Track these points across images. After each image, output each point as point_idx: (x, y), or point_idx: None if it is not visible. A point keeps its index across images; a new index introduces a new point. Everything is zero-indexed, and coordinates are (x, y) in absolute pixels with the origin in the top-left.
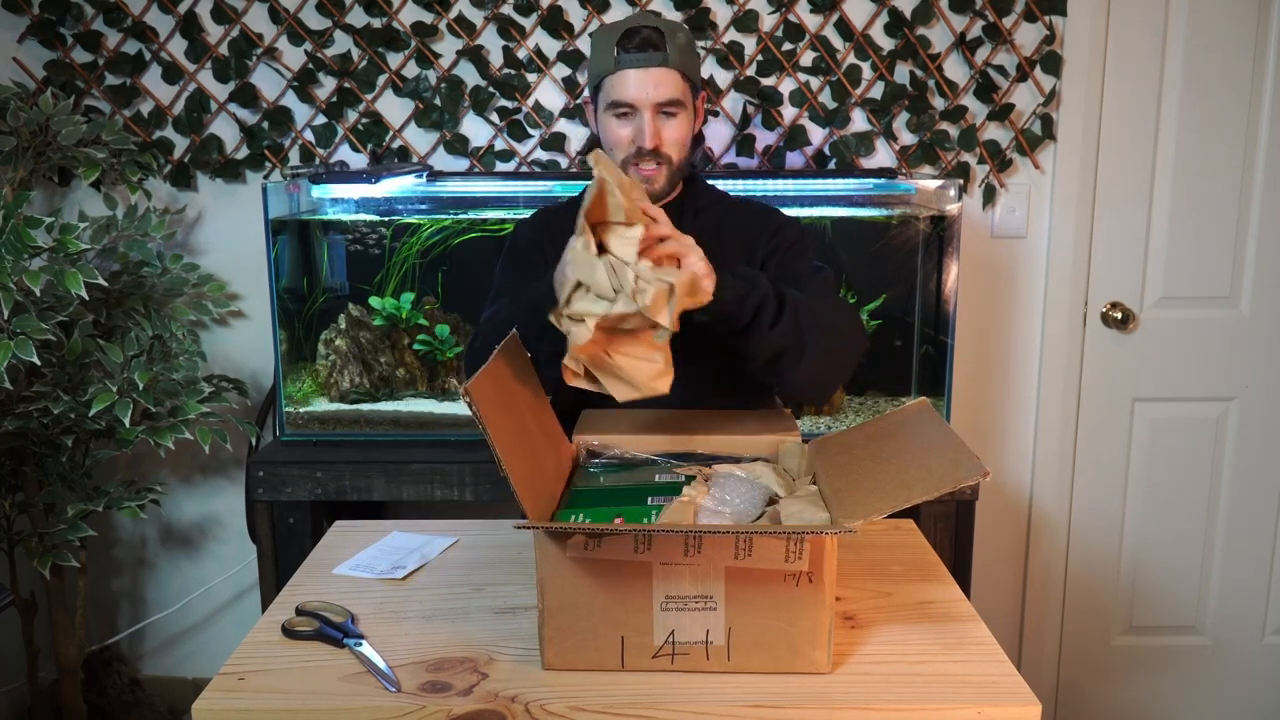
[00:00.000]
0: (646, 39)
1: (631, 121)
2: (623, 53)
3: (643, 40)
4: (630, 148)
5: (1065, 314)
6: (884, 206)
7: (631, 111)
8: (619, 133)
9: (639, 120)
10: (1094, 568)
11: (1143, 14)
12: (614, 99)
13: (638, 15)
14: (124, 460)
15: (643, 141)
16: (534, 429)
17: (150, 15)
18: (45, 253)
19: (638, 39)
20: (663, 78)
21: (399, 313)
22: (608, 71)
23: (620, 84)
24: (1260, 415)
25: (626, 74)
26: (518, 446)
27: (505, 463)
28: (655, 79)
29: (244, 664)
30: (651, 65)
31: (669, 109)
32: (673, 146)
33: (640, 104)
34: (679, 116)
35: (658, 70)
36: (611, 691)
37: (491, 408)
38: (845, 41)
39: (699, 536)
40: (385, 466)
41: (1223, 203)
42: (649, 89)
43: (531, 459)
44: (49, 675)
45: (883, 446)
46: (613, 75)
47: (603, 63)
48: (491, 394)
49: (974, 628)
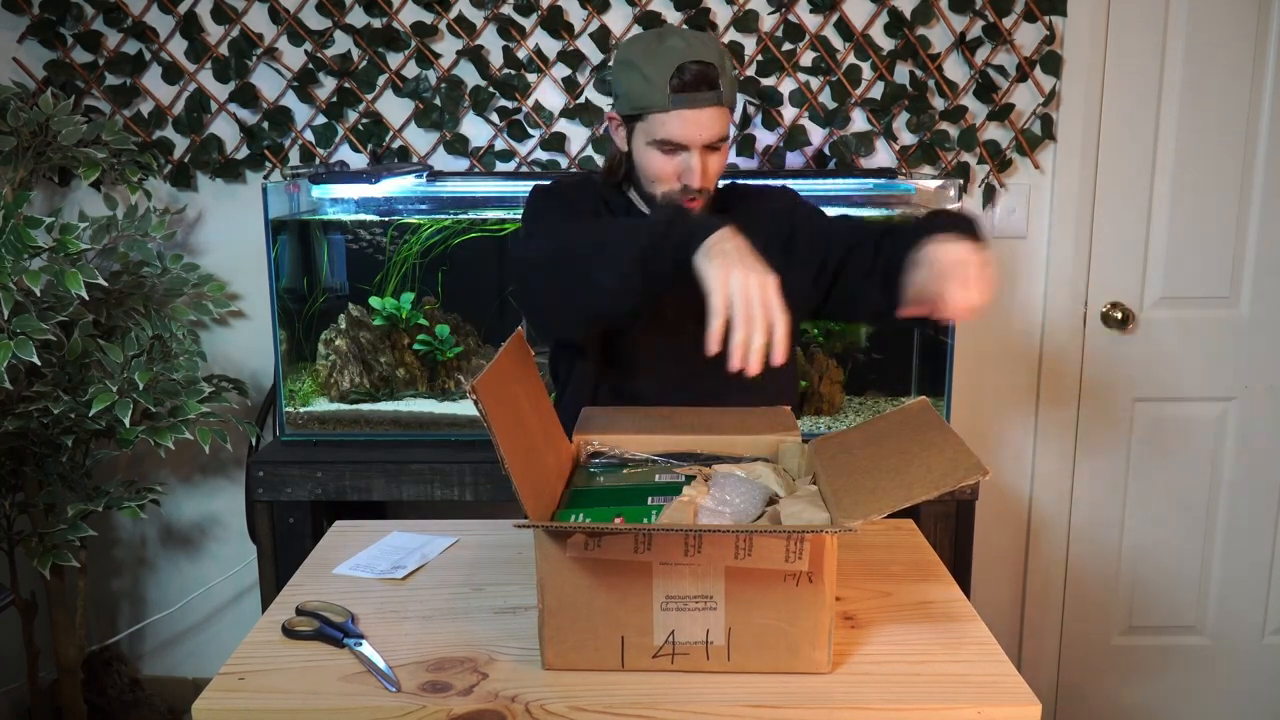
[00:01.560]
0: (702, 76)
1: (678, 157)
2: (676, 92)
3: (696, 78)
4: (675, 183)
5: (1065, 314)
6: (884, 206)
7: (678, 149)
8: (663, 167)
9: (687, 159)
10: (1094, 567)
11: (1143, 14)
12: (662, 137)
13: (685, 44)
14: (124, 460)
15: (692, 181)
16: (535, 428)
17: (150, 15)
18: (45, 253)
19: (691, 76)
20: (715, 117)
21: (399, 313)
22: (658, 108)
23: (672, 123)
24: (1260, 415)
25: (682, 114)
26: (520, 445)
27: (508, 461)
28: (709, 120)
29: (244, 664)
30: (707, 105)
31: (715, 145)
32: (714, 179)
33: (693, 144)
34: (723, 149)
35: (711, 110)
36: (611, 691)
37: (497, 405)
38: (845, 41)
39: (699, 536)
40: (385, 466)
41: (1223, 203)
42: (702, 131)
43: (533, 458)
44: (49, 675)
45: (882, 446)
46: (664, 114)
47: (650, 96)
48: (497, 391)
49: (974, 628)
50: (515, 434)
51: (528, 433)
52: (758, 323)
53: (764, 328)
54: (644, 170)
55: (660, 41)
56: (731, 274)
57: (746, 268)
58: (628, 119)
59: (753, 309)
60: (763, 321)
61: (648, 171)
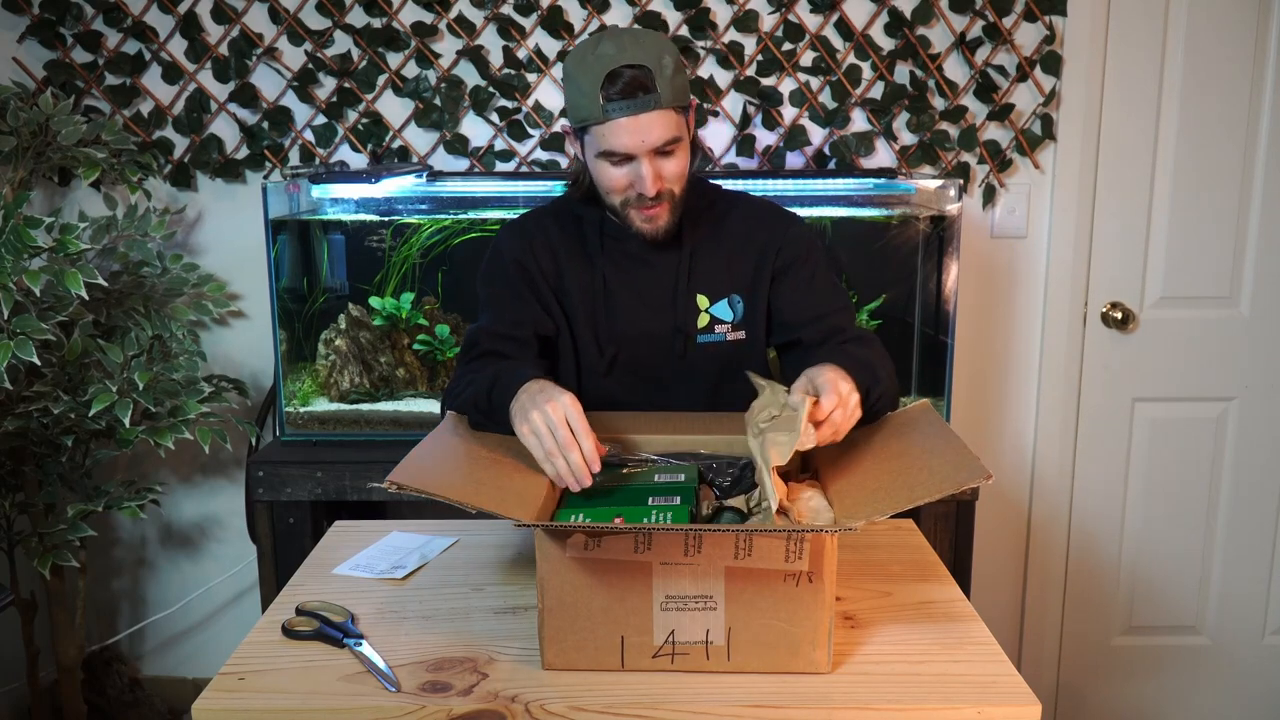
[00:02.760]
0: (634, 82)
1: (627, 166)
2: (609, 101)
3: (629, 84)
4: (629, 192)
5: (1065, 314)
6: (884, 206)
7: (626, 158)
8: (615, 178)
9: (636, 166)
10: (1094, 568)
11: (1143, 14)
12: (605, 149)
13: (617, 47)
14: (124, 460)
15: (643, 189)
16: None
17: (150, 15)
18: (45, 253)
19: (622, 83)
20: (656, 121)
21: (399, 313)
22: (594, 119)
23: (611, 133)
24: (1260, 415)
25: (617, 123)
26: (480, 483)
27: (471, 503)
28: (649, 124)
29: (244, 664)
30: (643, 111)
31: (667, 148)
32: (674, 181)
33: (636, 151)
34: (677, 151)
35: (650, 115)
36: (611, 691)
37: (428, 479)
38: (845, 41)
39: (699, 536)
40: (385, 466)
41: (1223, 203)
42: (643, 137)
43: (502, 480)
44: (49, 675)
45: (884, 447)
46: (601, 125)
47: (587, 107)
48: (424, 465)
49: (974, 628)
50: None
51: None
52: (560, 452)
53: (570, 448)
54: (598, 183)
55: (594, 48)
56: (528, 420)
57: (539, 405)
58: (578, 132)
59: (551, 442)
60: (568, 445)
61: (601, 182)
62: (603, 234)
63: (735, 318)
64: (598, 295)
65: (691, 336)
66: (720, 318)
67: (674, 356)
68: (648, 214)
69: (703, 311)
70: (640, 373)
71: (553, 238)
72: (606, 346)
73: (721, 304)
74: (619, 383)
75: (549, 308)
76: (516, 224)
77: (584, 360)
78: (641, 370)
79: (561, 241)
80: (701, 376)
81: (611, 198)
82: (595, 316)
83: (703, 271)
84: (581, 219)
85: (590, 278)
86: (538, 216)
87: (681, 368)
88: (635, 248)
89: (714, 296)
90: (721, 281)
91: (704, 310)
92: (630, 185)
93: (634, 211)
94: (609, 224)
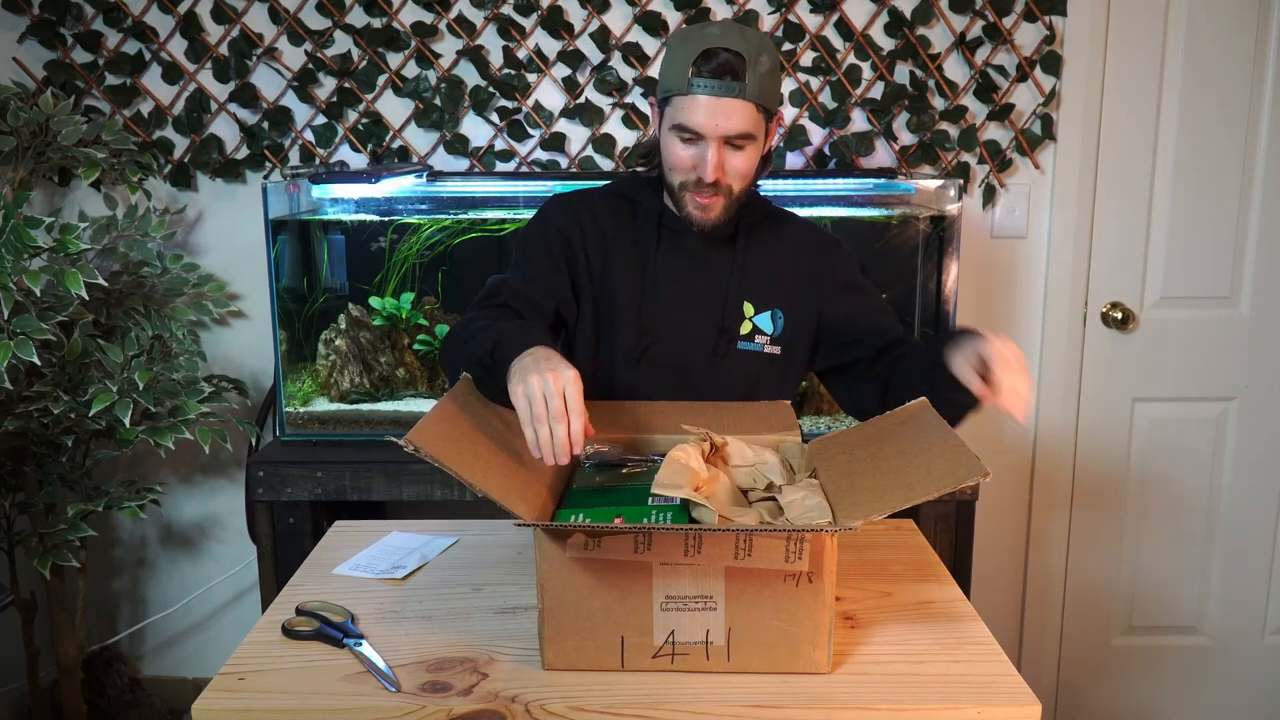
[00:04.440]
0: (725, 65)
1: (695, 147)
2: (697, 76)
3: (720, 66)
4: (690, 174)
5: (1065, 314)
6: (884, 206)
7: (697, 138)
8: (681, 155)
9: (703, 149)
10: (1094, 568)
11: (1143, 14)
12: (680, 122)
13: (722, 31)
14: (124, 460)
15: (704, 173)
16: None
17: (150, 15)
18: (45, 253)
19: (715, 63)
20: (736, 110)
21: (399, 313)
22: (678, 91)
23: (689, 108)
24: (1260, 415)
25: (697, 99)
26: (489, 466)
27: (479, 485)
28: (728, 110)
29: (244, 664)
30: (727, 95)
31: (738, 141)
32: (736, 178)
33: (708, 134)
34: (747, 149)
35: (732, 102)
36: (611, 691)
37: (443, 444)
38: (845, 41)
39: (699, 536)
40: (385, 466)
41: (1223, 203)
42: (719, 120)
43: (509, 470)
44: (49, 675)
45: (883, 446)
46: (683, 97)
47: (675, 79)
48: (443, 430)
49: (974, 628)
50: (478, 459)
51: (497, 450)
52: (548, 419)
53: (559, 420)
54: (664, 156)
55: (701, 28)
56: (526, 381)
57: (541, 371)
58: (661, 103)
59: (542, 408)
60: (558, 416)
61: (666, 158)
62: (661, 225)
63: (775, 331)
64: (648, 281)
65: (734, 340)
66: (762, 328)
67: (713, 357)
68: (703, 201)
69: (747, 319)
70: (673, 367)
71: (604, 221)
72: (645, 335)
73: (765, 315)
74: (648, 374)
75: (579, 289)
76: (569, 197)
77: (617, 347)
78: (674, 365)
79: (613, 226)
80: (732, 382)
81: (673, 175)
82: (640, 304)
83: (753, 279)
84: (636, 206)
85: (640, 266)
86: (590, 196)
87: (716, 369)
88: (691, 243)
89: (760, 306)
90: (769, 293)
91: (748, 318)
92: (693, 167)
93: (690, 195)
94: (668, 215)
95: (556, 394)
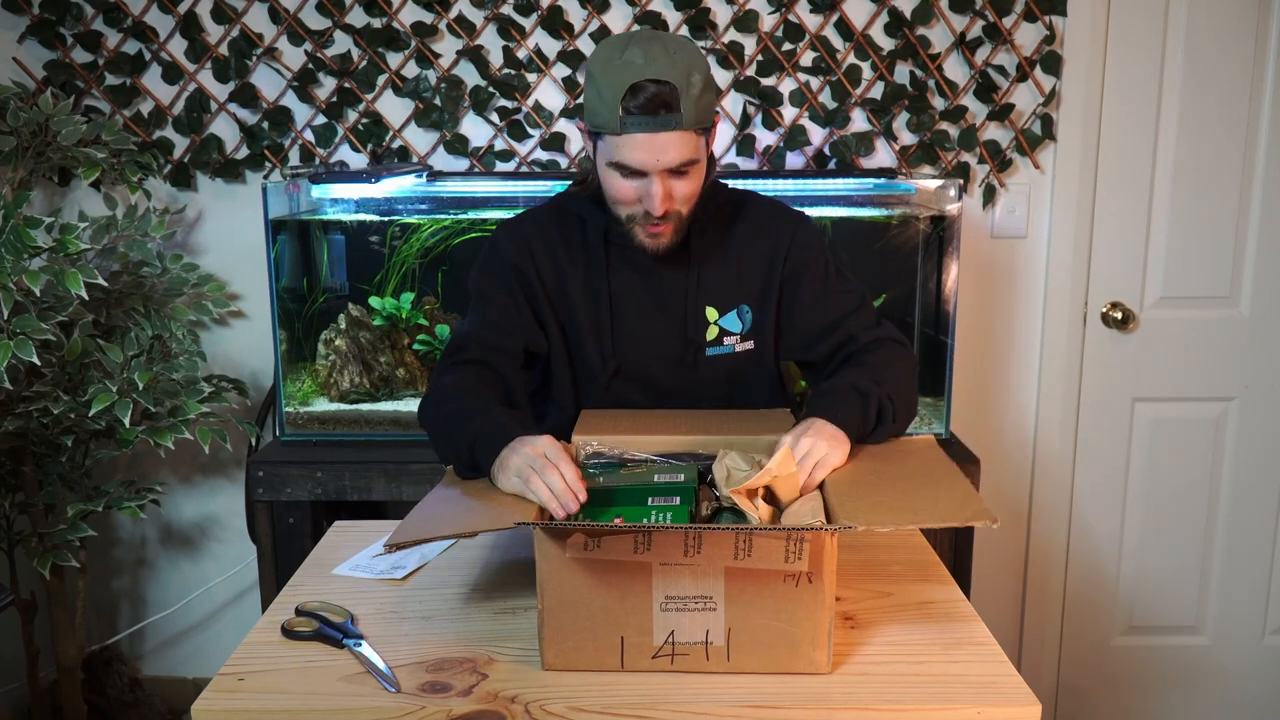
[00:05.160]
0: (657, 98)
1: (638, 180)
2: (627, 114)
3: (651, 100)
4: (636, 206)
5: (1065, 314)
6: (884, 206)
7: (638, 174)
8: (624, 189)
9: (647, 183)
10: (1094, 567)
11: (1143, 14)
12: (617, 160)
13: (646, 57)
14: (124, 460)
15: (651, 207)
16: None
17: (150, 15)
18: (45, 253)
19: (644, 97)
20: (673, 142)
21: (399, 313)
22: (610, 130)
23: (626, 147)
24: (1260, 415)
25: (634, 138)
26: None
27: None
28: (665, 144)
29: (244, 664)
30: (663, 130)
31: (681, 169)
32: (684, 202)
33: (649, 169)
34: (691, 172)
35: (669, 135)
36: (611, 691)
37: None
38: (845, 41)
39: (699, 536)
40: (385, 466)
41: (1223, 203)
42: (658, 155)
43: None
44: (49, 675)
45: (888, 466)
46: (617, 136)
47: (605, 116)
48: (425, 514)
49: (974, 628)
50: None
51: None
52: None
53: (551, 473)
54: (606, 189)
55: (621, 52)
56: (506, 469)
57: (519, 453)
58: (592, 134)
59: (529, 473)
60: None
61: (609, 191)
62: (608, 241)
63: (744, 328)
64: (602, 303)
65: (701, 349)
66: (729, 329)
67: (682, 369)
68: (653, 230)
69: (711, 324)
70: (645, 383)
71: (554, 241)
72: (610, 358)
73: (730, 315)
74: (622, 393)
75: (543, 319)
76: (515, 224)
77: (586, 369)
78: (646, 381)
79: (563, 245)
80: (708, 389)
81: (618, 208)
82: (600, 325)
83: (711, 283)
84: (585, 222)
85: (595, 285)
86: (537, 217)
87: (689, 380)
88: (641, 257)
89: (723, 308)
90: (730, 292)
91: (713, 323)
92: (638, 200)
93: (638, 227)
94: (614, 231)
95: (538, 457)
